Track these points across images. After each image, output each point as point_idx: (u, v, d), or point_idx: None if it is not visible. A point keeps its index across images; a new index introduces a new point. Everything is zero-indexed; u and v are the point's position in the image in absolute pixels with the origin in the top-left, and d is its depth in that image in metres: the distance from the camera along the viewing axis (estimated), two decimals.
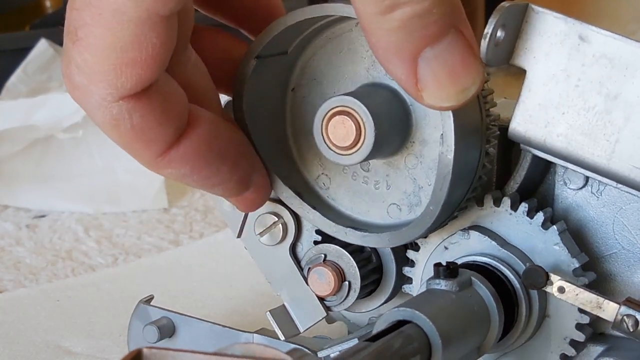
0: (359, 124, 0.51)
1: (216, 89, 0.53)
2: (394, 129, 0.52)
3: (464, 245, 0.55)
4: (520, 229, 0.54)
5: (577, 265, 0.53)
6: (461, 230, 0.55)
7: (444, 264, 0.50)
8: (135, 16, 0.43)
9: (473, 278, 0.51)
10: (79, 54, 0.44)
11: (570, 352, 0.54)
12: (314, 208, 0.55)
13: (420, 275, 0.56)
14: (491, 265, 0.54)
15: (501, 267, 0.53)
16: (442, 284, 0.50)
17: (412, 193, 0.54)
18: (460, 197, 0.52)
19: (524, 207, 0.54)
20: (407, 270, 0.57)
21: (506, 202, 0.54)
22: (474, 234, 0.54)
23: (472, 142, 0.51)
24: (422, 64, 0.44)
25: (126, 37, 0.43)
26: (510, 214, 0.54)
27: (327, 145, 0.52)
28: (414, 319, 0.46)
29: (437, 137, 0.52)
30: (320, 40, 0.54)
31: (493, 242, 0.54)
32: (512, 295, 0.53)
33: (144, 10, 0.43)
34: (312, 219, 0.55)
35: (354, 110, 0.51)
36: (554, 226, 0.53)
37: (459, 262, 0.54)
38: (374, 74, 0.53)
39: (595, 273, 0.54)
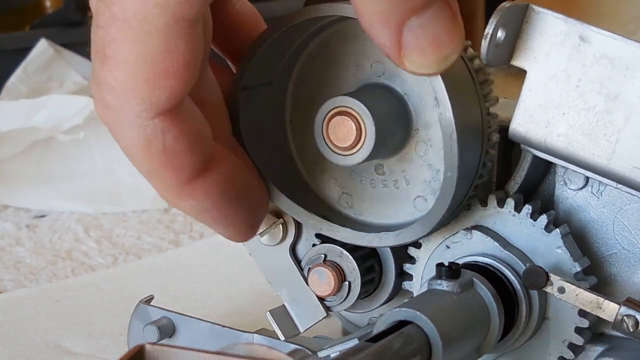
0: (359, 123, 0.51)
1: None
2: (394, 124, 0.52)
3: (466, 245, 0.55)
4: (523, 230, 0.54)
5: (578, 269, 0.53)
6: (464, 229, 0.55)
7: (446, 264, 0.50)
8: (162, 23, 0.43)
9: (475, 279, 0.51)
10: (110, 73, 0.44)
11: (569, 355, 0.54)
12: (344, 226, 0.54)
13: (420, 273, 0.56)
14: (492, 266, 0.54)
15: (502, 268, 0.53)
16: (444, 285, 0.50)
17: (432, 179, 0.54)
18: (462, 195, 0.52)
19: (527, 209, 0.53)
20: (407, 267, 0.57)
21: (510, 203, 0.54)
22: (476, 234, 0.54)
23: (470, 115, 0.50)
24: (406, 32, 0.44)
25: (156, 46, 0.43)
26: (514, 215, 0.54)
27: (328, 146, 0.52)
28: (414, 320, 0.46)
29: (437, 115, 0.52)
30: (302, 64, 0.54)
31: (495, 243, 0.54)
32: (512, 296, 0.53)
33: (171, 16, 0.43)
34: (344, 237, 0.54)
35: (354, 109, 0.51)
36: (557, 229, 0.53)
37: (461, 261, 0.54)
38: (362, 77, 0.53)
39: (595, 276, 0.54)
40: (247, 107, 0.53)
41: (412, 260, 0.57)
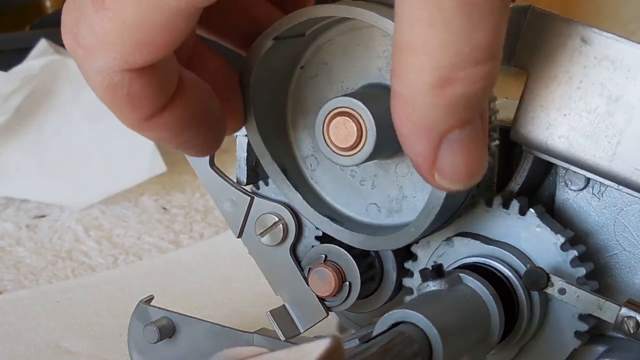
0: (360, 125, 0.51)
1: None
2: (395, 131, 0.52)
3: (457, 250, 0.55)
4: (500, 222, 0.54)
5: (562, 240, 0.53)
6: (445, 240, 0.55)
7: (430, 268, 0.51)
8: (174, 5, 0.43)
9: (462, 274, 0.51)
10: (99, 21, 0.44)
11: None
12: (296, 188, 0.56)
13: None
14: (492, 267, 0.54)
15: (495, 263, 0.54)
16: (431, 285, 0.50)
17: (395, 199, 0.55)
18: (458, 204, 0.52)
19: (497, 201, 0.54)
20: (409, 264, 0.57)
21: (481, 202, 0.54)
22: (459, 240, 0.55)
23: None
24: (444, 147, 0.43)
25: (157, 21, 0.43)
26: (487, 211, 0.54)
27: (328, 146, 0.52)
28: (414, 321, 0.46)
29: None
30: (341, 28, 0.54)
31: (481, 243, 0.54)
32: (512, 296, 0.53)
33: (185, 0, 0.43)
34: (292, 199, 0.56)
35: (356, 111, 0.51)
36: (531, 209, 0.53)
37: (461, 262, 0.54)
38: (386, 76, 0.53)
39: (596, 277, 0.54)
40: (267, 53, 0.53)
41: (413, 257, 0.57)
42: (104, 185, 1.03)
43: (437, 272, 0.50)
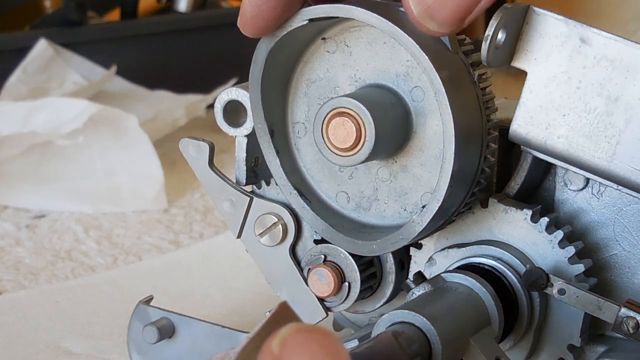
0: (359, 125, 0.51)
1: None
2: (394, 133, 0.52)
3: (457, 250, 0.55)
4: (499, 222, 0.54)
5: (560, 237, 0.53)
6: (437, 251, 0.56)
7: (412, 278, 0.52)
8: None
9: (448, 275, 0.52)
10: None
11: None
12: (277, 152, 0.56)
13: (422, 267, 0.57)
14: (484, 264, 0.54)
15: (494, 264, 0.54)
16: (417, 291, 0.51)
17: (366, 197, 0.55)
18: (458, 203, 0.52)
19: (497, 201, 0.54)
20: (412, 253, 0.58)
21: (479, 203, 0.54)
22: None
23: (470, 154, 0.51)
24: None
25: None
26: (486, 211, 0.54)
27: (327, 146, 0.52)
28: (413, 321, 0.47)
29: (420, 173, 0.53)
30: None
31: (491, 246, 0.54)
32: (512, 295, 0.53)
33: None
34: (270, 162, 0.56)
35: (355, 112, 0.51)
36: (529, 209, 0.53)
37: (462, 262, 0.55)
38: (401, 84, 0.53)
39: (596, 277, 0.54)
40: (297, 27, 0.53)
41: (413, 258, 0.57)
42: (105, 202, 1.04)
43: (417, 278, 0.51)
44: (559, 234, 0.53)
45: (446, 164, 0.50)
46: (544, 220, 0.53)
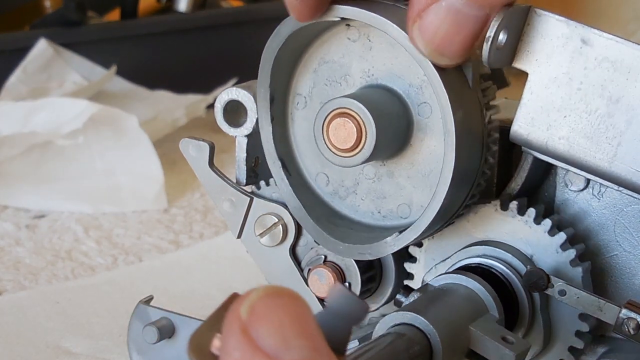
0: (360, 126, 0.51)
1: None
2: (393, 139, 0.52)
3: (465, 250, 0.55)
4: (499, 223, 0.54)
5: (562, 240, 0.53)
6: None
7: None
8: None
9: (459, 275, 0.52)
10: None
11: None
12: (272, 120, 0.56)
13: (422, 273, 0.57)
14: (485, 265, 0.54)
15: (495, 264, 0.54)
16: (406, 301, 0.51)
17: (345, 187, 0.55)
18: (458, 205, 0.52)
19: (497, 201, 0.54)
20: (408, 265, 0.57)
21: (480, 203, 0.54)
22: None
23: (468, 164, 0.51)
24: (434, 7, 0.48)
25: None
26: (486, 211, 0.55)
27: (328, 147, 0.52)
28: (414, 323, 0.47)
29: (404, 184, 0.53)
30: None
31: (491, 247, 0.54)
32: (513, 294, 0.53)
33: None
34: (263, 128, 0.56)
35: (356, 112, 0.50)
36: (530, 209, 0.53)
37: (462, 263, 0.54)
38: (412, 94, 0.52)
39: (596, 277, 0.54)
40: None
41: (412, 259, 0.57)
42: (105, 202, 1.04)
43: (405, 290, 0.53)
44: (562, 236, 0.53)
45: (434, 202, 0.51)
46: (547, 221, 0.53)
